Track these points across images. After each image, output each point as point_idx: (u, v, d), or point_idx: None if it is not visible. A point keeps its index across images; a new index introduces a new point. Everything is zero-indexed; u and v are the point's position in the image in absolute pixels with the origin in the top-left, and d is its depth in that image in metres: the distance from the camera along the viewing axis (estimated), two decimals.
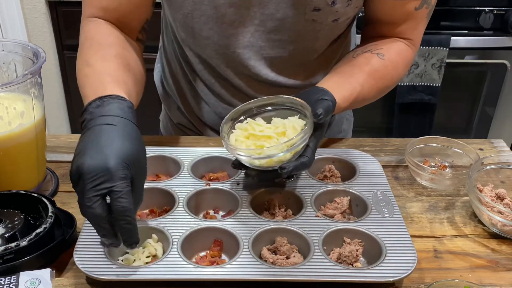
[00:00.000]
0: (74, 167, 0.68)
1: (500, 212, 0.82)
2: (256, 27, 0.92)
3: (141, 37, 0.97)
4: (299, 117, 0.81)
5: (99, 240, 0.74)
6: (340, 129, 1.19)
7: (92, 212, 0.67)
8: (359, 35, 1.05)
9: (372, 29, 1.00)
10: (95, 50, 0.87)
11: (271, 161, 0.77)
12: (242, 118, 0.84)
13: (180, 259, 0.72)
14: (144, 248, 0.76)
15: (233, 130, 0.83)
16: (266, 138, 0.79)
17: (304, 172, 0.91)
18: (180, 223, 0.79)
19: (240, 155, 0.78)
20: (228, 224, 0.79)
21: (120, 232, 0.70)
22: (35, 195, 0.81)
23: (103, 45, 0.88)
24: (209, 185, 0.87)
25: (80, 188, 0.68)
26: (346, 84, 0.91)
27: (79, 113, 0.76)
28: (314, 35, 0.94)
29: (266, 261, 0.74)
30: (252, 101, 0.84)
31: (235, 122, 0.84)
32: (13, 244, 0.71)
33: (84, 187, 0.67)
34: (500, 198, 0.88)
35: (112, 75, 0.82)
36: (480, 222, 0.86)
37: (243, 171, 0.88)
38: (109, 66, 0.84)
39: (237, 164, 0.82)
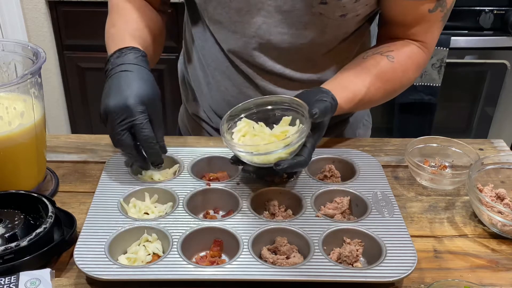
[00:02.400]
0: (102, 108, 0.84)
1: (500, 212, 0.82)
2: (264, 19, 0.93)
3: (163, 8, 1.10)
4: (296, 117, 0.84)
5: (99, 240, 0.74)
6: (354, 133, 1.18)
7: (122, 142, 0.84)
8: None
9: (387, 30, 1.00)
10: (120, 14, 1.02)
11: (268, 159, 0.79)
12: (242, 116, 0.87)
13: (180, 259, 0.72)
14: (143, 245, 0.77)
15: (234, 130, 0.85)
16: (264, 136, 0.83)
17: (304, 172, 0.91)
18: (180, 223, 0.79)
19: (239, 151, 0.80)
20: (228, 224, 0.79)
21: (148, 156, 0.86)
22: (35, 195, 0.81)
23: (127, 10, 1.01)
24: (209, 185, 0.87)
25: (109, 125, 0.84)
26: (351, 85, 0.92)
27: (79, 113, 0.79)
28: (321, 29, 0.94)
29: (266, 261, 0.74)
30: (251, 100, 0.87)
31: (235, 120, 0.86)
32: (13, 244, 0.71)
33: (112, 123, 0.83)
34: (500, 198, 0.88)
35: (131, 33, 0.96)
36: (480, 222, 0.86)
37: (242, 173, 0.89)
38: (130, 26, 0.98)
39: (235, 160, 0.84)
